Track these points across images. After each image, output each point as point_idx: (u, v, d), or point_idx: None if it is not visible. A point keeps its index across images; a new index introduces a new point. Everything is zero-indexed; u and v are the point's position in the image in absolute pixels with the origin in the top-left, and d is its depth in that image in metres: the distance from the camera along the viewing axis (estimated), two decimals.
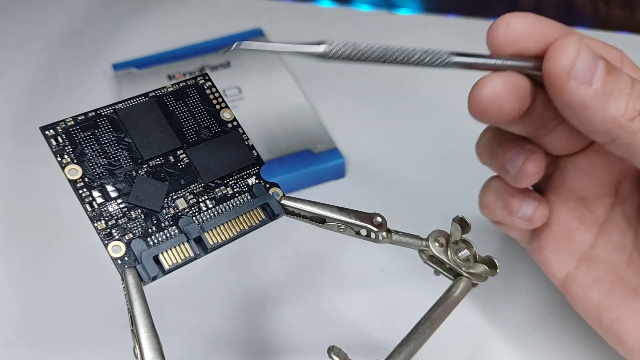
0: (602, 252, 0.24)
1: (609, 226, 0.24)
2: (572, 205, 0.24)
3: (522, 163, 0.22)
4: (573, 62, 0.19)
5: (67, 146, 0.21)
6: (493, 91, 0.20)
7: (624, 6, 0.51)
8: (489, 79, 0.20)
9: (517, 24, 0.20)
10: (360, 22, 0.52)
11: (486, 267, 0.23)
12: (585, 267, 0.24)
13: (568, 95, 0.19)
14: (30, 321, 0.31)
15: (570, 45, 0.19)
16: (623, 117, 0.19)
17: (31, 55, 0.49)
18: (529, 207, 0.24)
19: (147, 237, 0.21)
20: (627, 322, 0.22)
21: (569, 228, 0.24)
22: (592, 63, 0.19)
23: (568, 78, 0.19)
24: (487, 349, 0.29)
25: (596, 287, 0.23)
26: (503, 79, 0.20)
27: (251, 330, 0.30)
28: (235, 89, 0.42)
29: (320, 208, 0.23)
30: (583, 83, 0.19)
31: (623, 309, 0.22)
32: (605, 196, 0.24)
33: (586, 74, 0.19)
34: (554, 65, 0.19)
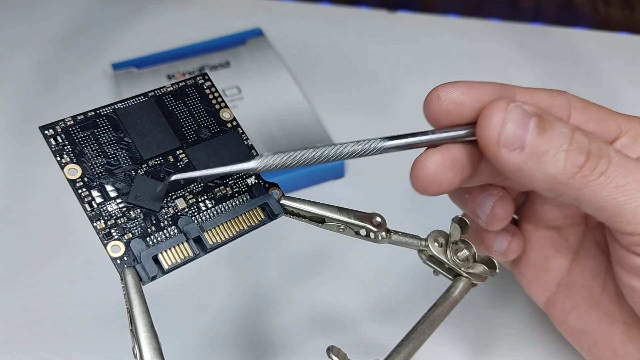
0: (579, 277, 0.24)
1: (582, 252, 0.24)
2: (546, 233, 0.25)
3: (490, 209, 0.22)
4: (500, 129, 0.18)
5: (66, 146, 0.21)
6: (429, 170, 0.20)
7: (623, 6, 0.51)
8: (425, 157, 0.20)
9: (449, 95, 0.20)
10: (359, 22, 0.52)
11: (485, 267, 0.23)
12: (564, 292, 0.24)
13: (502, 162, 0.19)
14: (30, 321, 0.31)
15: (497, 112, 0.19)
16: (563, 175, 0.18)
17: (30, 55, 0.49)
18: (503, 241, 0.24)
19: (146, 237, 0.21)
20: (603, 347, 0.23)
21: (545, 255, 0.24)
22: (522, 126, 0.18)
23: (498, 147, 0.18)
24: (487, 349, 0.29)
25: (575, 312, 0.24)
26: (439, 155, 0.20)
27: (250, 330, 0.30)
28: (235, 88, 0.42)
29: (319, 208, 0.23)
30: (514, 149, 0.18)
31: (599, 334, 0.23)
32: (575, 224, 0.24)
33: (515, 140, 0.18)
34: (482, 135, 0.19)
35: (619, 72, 0.45)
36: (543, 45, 0.48)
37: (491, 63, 0.47)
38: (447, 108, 0.20)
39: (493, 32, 0.50)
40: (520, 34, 0.49)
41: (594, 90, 0.44)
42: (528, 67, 0.46)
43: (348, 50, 0.49)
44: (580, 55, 0.47)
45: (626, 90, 0.44)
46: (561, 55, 0.47)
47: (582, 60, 0.46)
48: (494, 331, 0.30)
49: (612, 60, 0.46)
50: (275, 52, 0.46)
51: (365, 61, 0.47)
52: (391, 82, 0.45)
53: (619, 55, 0.47)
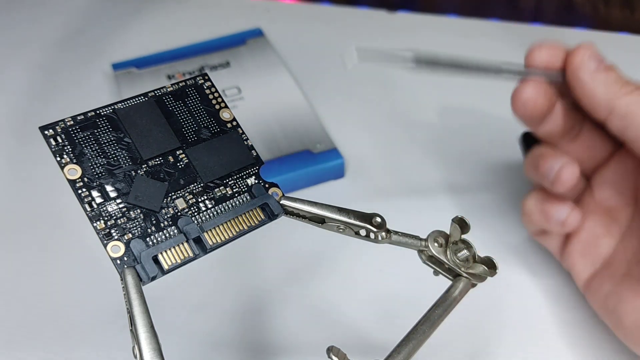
0: (622, 254, 0.27)
1: (629, 232, 0.28)
2: (599, 216, 0.29)
3: (558, 169, 0.27)
4: (586, 55, 0.27)
5: (66, 146, 0.21)
6: (529, 91, 0.27)
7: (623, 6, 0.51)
8: (525, 84, 0.27)
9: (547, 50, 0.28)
10: (360, 22, 0.52)
11: (485, 267, 0.23)
12: (605, 267, 0.28)
13: (582, 75, 0.26)
14: (30, 321, 0.31)
15: (586, 46, 0.27)
16: (618, 93, 0.26)
17: (30, 55, 0.49)
18: (563, 212, 0.28)
19: (146, 237, 0.21)
20: (625, 302, 0.26)
21: (596, 235, 0.28)
22: (599, 59, 0.27)
23: (583, 64, 0.26)
24: (486, 349, 0.29)
25: (610, 280, 0.27)
26: (535, 83, 0.27)
27: (250, 330, 0.30)
28: (235, 89, 0.42)
29: (319, 208, 0.23)
30: (592, 67, 0.26)
31: (624, 293, 0.26)
32: (626, 205, 0.28)
33: (594, 63, 0.26)
34: (573, 55, 0.27)
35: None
36: None
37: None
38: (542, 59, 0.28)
39: (493, 32, 0.50)
40: (520, 34, 0.49)
41: None
42: None
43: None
44: None
45: None
46: None
47: None
48: (494, 331, 0.30)
49: (612, 60, 0.46)
50: (275, 52, 0.46)
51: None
52: (391, 82, 0.45)
53: (619, 55, 0.46)
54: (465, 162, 0.39)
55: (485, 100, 0.43)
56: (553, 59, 0.28)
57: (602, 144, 0.29)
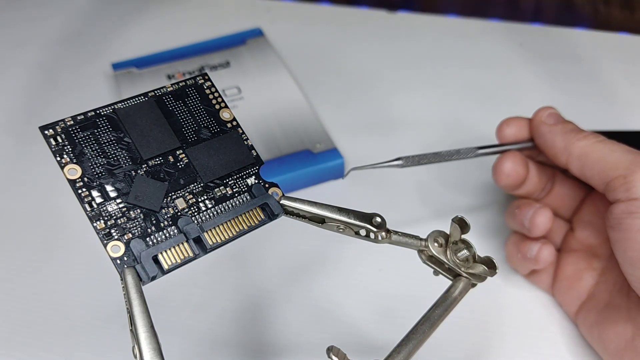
0: (603, 285, 0.29)
1: (609, 265, 0.30)
2: (581, 253, 0.31)
3: (532, 215, 0.30)
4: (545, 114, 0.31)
5: (66, 146, 0.21)
6: (510, 165, 0.31)
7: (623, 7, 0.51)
8: (504, 158, 0.31)
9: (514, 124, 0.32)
10: (360, 22, 0.52)
11: (485, 267, 0.23)
12: (590, 298, 0.30)
13: (542, 129, 0.30)
14: (30, 320, 0.31)
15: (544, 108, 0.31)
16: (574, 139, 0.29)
17: (30, 55, 0.49)
18: (534, 248, 0.30)
19: (146, 237, 0.21)
20: (607, 329, 0.28)
21: (579, 269, 0.30)
22: (556, 116, 0.30)
23: (542, 120, 0.30)
24: (486, 349, 0.29)
25: (595, 310, 0.29)
26: (513, 156, 0.31)
27: (250, 330, 0.30)
28: (235, 88, 0.42)
29: (319, 208, 0.23)
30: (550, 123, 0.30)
31: (607, 320, 0.28)
32: (605, 241, 0.30)
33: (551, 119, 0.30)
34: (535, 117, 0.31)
35: (619, 72, 0.45)
36: (543, 45, 0.48)
37: (491, 63, 0.47)
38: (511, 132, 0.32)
39: (493, 32, 0.50)
40: (520, 34, 0.49)
41: (594, 91, 0.44)
42: (528, 67, 0.46)
43: (348, 50, 0.49)
44: (580, 55, 0.47)
45: (626, 90, 0.44)
46: (561, 55, 0.47)
47: (582, 60, 0.46)
48: (494, 331, 0.30)
49: (612, 60, 0.46)
50: (275, 52, 0.46)
51: (365, 61, 0.48)
52: (391, 81, 0.45)
53: (619, 55, 0.47)
54: (465, 162, 0.39)
55: (485, 100, 0.43)
56: (521, 130, 0.31)
57: (574, 191, 0.32)
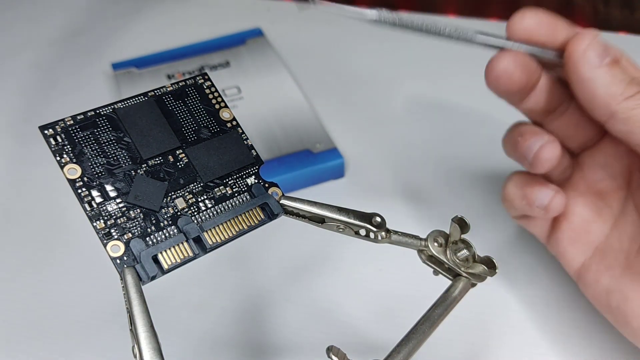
0: (616, 241, 0.25)
1: (622, 218, 0.26)
2: (590, 199, 0.27)
3: (537, 149, 0.25)
4: (590, 43, 0.23)
5: (66, 145, 0.21)
6: (504, 63, 0.24)
7: (623, 6, 0.51)
8: (501, 54, 0.24)
9: (532, 17, 0.25)
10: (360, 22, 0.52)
11: (485, 267, 0.23)
12: (599, 255, 0.26)
13: (582, 69, 0.23)
14: (30, 321, 0.31)
15: (590, 32, 0.24)
16: (621, 96, 0.23)
17: (30, 55, 0.49)
18: (545, 196, 0.26)
19: (146, 237, 0.21)
20: (632, 302, 0.24)
21: (587, 220, 0.26)
22: (603, 51, 0.23)
23: (583, 56, 0.23)
24: (486, 349, 0.29)
25: (608, 273, 0.25)
26: (513, 55, 0.24)
27: (250, 330, 0.30)
28: (235, 88, 0.42)
29: (319, 208, 0.23)
30: (595, 62, 0.23)
31: (631, 291, 0.24)
32: (618, 189, 0.26)
33: (598, 56, 0.23)
34: (575, 43, 0.24)
35: None
36: None
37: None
38: (529, 26, 0.24)
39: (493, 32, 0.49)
40: None
41: None
42: None
43: (348, 50, 0.49)
44: None
45: None
46: None
47: None
48: (494, 331, 0.30)
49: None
50: (275, 52, 0.46)
51: (365, 61, 0.47)
52: (391, 81, 0.45)
53: None
54: (465, 162, 0.39)
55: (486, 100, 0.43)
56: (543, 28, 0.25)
57: (592, 123, 0.26)
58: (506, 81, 0.24)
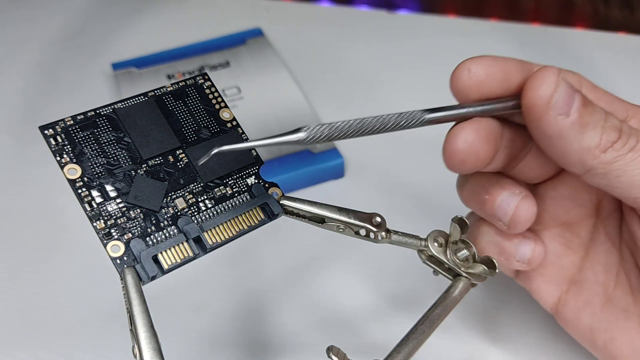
0: (590, 274, 0.24)
1: (594, 247, 0.24)
2: (557, 231, 0.24)
3: (513, 210, 0.22)
4: (552, 92, 0.19)
5: (66, 145, 0.21)
6: (467, 141, 0.20)
7: (623, 6, 0.51)
8: (460, 130, 0.20)
9: (479, 68, 0.21)
10: (359, 22, 0.52)
11: (485, 267, 0.23)
12: (575, 290, 0.24)
13: (546, 125, 0.19)
14: (30, 320, 0.31)
15: (550, 76, 0.19)
16: (597, 149, 0.19)
17: (30, 55, 0.49)
18: (526, 248, 0.23)
19: (146, 237, 0.21)
20: (620, 342, 0.22)
21: (557, 254, 0.24)
22: (570, 95, 0.19)
23: (547, 108, 0.19)
24: (486, 349, 0.29)
25: (588, 309, 0.23)
26: (473, 126, 0.20)
27: (250, 330, 0.30)
28: (235, 88, 0.42)
29: (319, 208, 0.23)
30: (561, 114, 0.19)
31: (615, 330, 0.23)
32: (587, 217, 0.24)
33: (564, 106, 0.19)
34: (534, 95, 0.19)
35: (619, 72, 0.45)
36: (543, 45, 0.48)
37: None
38: (478, 80, 0.20)
39: (493, 32, 0.50)
40: (520, 34, 0.49)
41: None
42: None
43: (348, 50, 0.49)
44: (580, 55, 0.47)
45: (626, 90, 0.44)
46: (561, 55, 0.47)
47: (582, 60, 0.46)
48: (493, 331, 0.30)
49: (612, 60, 0.46)
50: (275, 52, 0.46)
51: (365, 61, 0.47)
52: (391, 82, 0.45)
53: (619, 55, 0.46)
54: None
55: None
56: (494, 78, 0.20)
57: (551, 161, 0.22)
58: (473, 160, 0.20)
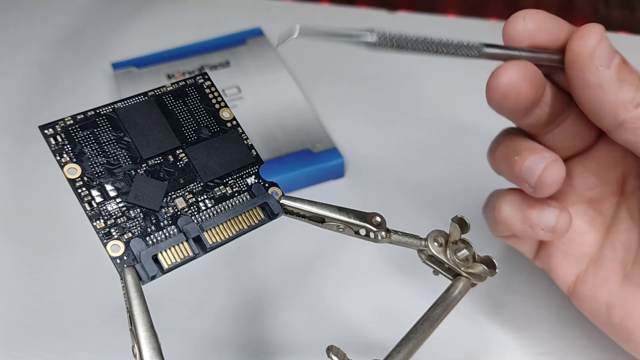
0: (610, 252, 0.24)
1: (615, 226, 0.24)
2: (581, 208, 0.25)
3: (541, 171, 0.22)
4: (596, 44, 0.20)
5: (66, 145, 0.21)
6: (511, 78, 0.21)
7: (623, 6, 0.51)
8: (506, 67, 0.21)
9: (533, 18, 0.22)
10: (360, 21, 0.52)
11: (485, 267, 0.23)
12: (594, 268, 0.24)
13: (588, 73, 0.20)
14: (30, 320, 0.31)
15: (596, 29, 0.21)
16: (630, 103, 0.20)
17: (30, 54, 0.49)
18: (551, 216, 0.23)
19: (146, 237, 0.21)
20: (636, 317, 0.23)
21: (579, 231, 0.25)
22: (611, 50, 0.21)
23: (591, 57, 0.20)
24: (486, 349, 0.29)
25: (605, 286, 0.24)
26: (519, 67, 0.21)
27: (250, 330, 0.30)
28: (235, 88, 0.42)
29: (319, 208, 0.23)
30: (602, 65, 0.20)
31: (632, 305, 0.23)
32: (611, 195, 0.25)
33: (606, 58, 0.21)
34: (580, 44, 0.21)
35: None
36: None
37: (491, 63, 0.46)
38: (531, 29, 0.21)
39: (493, 32, 0.49)
40: None
41: None
42: None
43: (348, 50, 0.48)
44: None
45: None
46: None
47: None
48: (493, 331, 0.30)
49: None
50: (275, 52, 0.46)
51: (364, 61, 0.47)
52: (391, 82, 0.45)
53: None
54: (465, 161, 0.39)
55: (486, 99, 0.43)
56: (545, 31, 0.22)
57: (588, 131, 0.24)
58: (514, 98, 0.21)
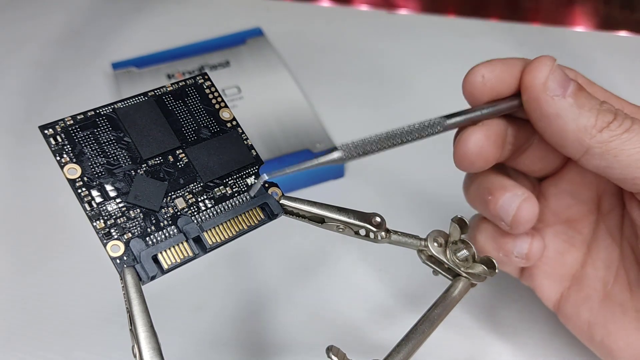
0: (591, 269, 0.24)
1: (595, 244, 0.25)
2: (559, 229, 0.25)
3: (515, 211, 0.23)
4: (548, 74, 0.21)
5: (66, 145, 0.21)
6: (477, 145, 0.22)
7: (623, 6, 0.51)
8: (471, 134, 0.22)
9: (491, 73, 0.22)
10: (360, 21, 0.52)
11: (485, 267, 0.23)
12: (577, 286, 0.25)
13: (544, 104, 0.21)
14: (30, 320, 0.31)
15: (545, 62, 0.21)
16: (593, 128, 0.20)
17: (30, 54, 0.49)
18: (523, 244, 0.24)
19: (146, 237, 0.21)
20: (616, 337, 0.23)
21: (559, 251, 0.25)
22: (565, 79, 0.21)
23: (544, 88, 0.21)
24: (486, 349, 0.29)
25: (586, 305, 0.24)
26: (483, 131, 0.22)
27: (250, 330, 0.30)
28: (235, 88, 0.42)
29: (319, 208, 0.23)
30: (557, 94, 0.21)
31: (612, 325, 0.23)
32: (588, 214, 0.25)
33: (559, 87, 0.21)
34: (531, 77, 0.21)
35: (619, 72, 0.45)
36: (543, 45, 0.48)
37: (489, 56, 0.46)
38: (491, 85, 0.22)
39: (493, 32, 0.50)
40: (520, 33, 0.49)
41: None
42: None
43: (348, 50, 0.49)
44: (580, 55, 0.47)
45: (626, 90, 0.44)
46: (561, 55, 0.47)
47: (582, 60, 0.46)
48: (493, 331, 0.30)
49: (612, 60, 0.46)
50: (275, 52, 0.46)
51: (364, 61, 0.47)
52: (390, 82, 0.45)
53: (619, 55, 0.46)
54: None
55: None
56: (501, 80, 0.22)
57: (554, 153, 0.24)
58: (481, 162, 0.22)
